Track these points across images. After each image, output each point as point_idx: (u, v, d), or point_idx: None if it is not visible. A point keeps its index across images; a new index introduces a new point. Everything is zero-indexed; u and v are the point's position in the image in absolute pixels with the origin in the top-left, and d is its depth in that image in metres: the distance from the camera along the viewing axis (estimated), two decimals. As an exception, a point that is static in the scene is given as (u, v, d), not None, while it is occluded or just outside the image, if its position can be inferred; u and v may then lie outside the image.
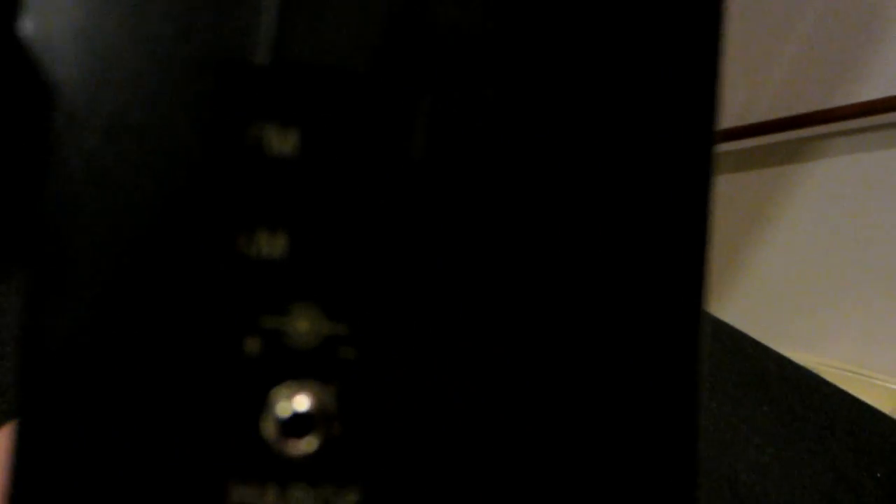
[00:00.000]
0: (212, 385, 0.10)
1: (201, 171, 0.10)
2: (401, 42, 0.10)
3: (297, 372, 0.10)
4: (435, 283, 0.10)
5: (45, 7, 0.10)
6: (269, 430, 0.10)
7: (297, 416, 0.10)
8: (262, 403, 0.10)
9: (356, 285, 0.10)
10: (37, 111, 0.10)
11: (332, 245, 0.10)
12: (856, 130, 0.79)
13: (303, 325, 0.11)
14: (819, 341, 0.84)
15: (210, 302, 0.10)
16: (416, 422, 0.10)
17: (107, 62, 0.10)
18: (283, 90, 0.10)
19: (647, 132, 0.11)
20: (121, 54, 0.10)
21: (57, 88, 0.10)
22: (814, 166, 0.82)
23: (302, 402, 0.10)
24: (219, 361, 0.10)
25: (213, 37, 0.10)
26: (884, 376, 0.80)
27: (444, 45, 0.10)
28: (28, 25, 0.10)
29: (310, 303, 0.11)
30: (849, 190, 0.81)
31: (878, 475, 0.68)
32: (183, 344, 0.10)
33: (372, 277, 0.10)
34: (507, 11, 0.10)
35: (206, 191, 0.10)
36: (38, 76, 0.10)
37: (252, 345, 0.10)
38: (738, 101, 0.82)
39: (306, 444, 0.10)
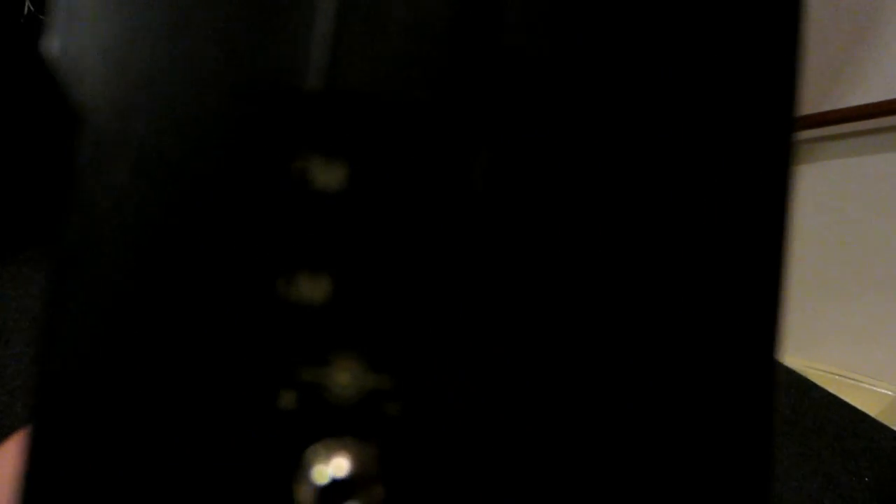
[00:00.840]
0: (242, 442, 0.09)
1: (240, 208, 0.09)
2: (463, 70, 0.09)
3: (336, 429, 0.09)
4: (490, 334, 0.09)
5: (72, 24, 0.09)
6: (304, 496, 0.09)
7: (335, 483, 0.09)
8: (296, 464, 0.09)
9: (403, 335, 0.09)
10: (62, 139, 0.09)
11: (378, 290, 0.09)
12: (846, 135, 0.79)
13: (343, 378, 0.09)
14: (808, 345, 0.85)
15: (244, 350, 0.09)
16: (466, 486, 0.09)
17: (138, 86, 0.09)
18: (334, 120, 0.09)
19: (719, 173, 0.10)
20: (154, 78, 0.09)
21: (83, 114, 0.09)
22: (804, 170, 0.82)
23: (340, 466, 0.09)
24: (251, 416, 0.09)
25: (259, 60, 0.09)
26: (872, 380, 0.80)
27: (510, 74, 0.09)
28: (54, 44, 0.09)
29: (352, 353, 0.09)
30: (838, 195, 0.81)
31: (867, 479, 0.68)
32: (213, 396, 0.09)
33: (420, 326, 0.09)
34: (575, 35, 0.09)
35: (245, 230, 0.09)
36: (63, 100, 0.09)
37: (287, 399, 0.09)
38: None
39: None
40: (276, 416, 0.09)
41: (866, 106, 0.76)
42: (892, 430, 0.70)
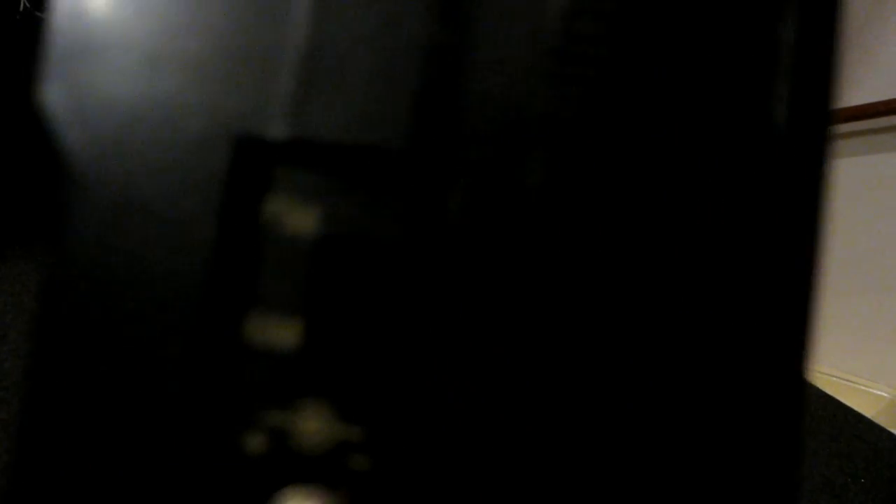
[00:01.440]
0: (209, 482, 0.09)
1: (211, 251, 0.09)
2: (432, 116, 0.09)
3: (305, 477, 0.09)
4: (472, 384, 0.09)
5: (64, 75, 0.09)
6: (270, 542, 0.09)
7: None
8: None
9: (376, 383, 0.09)
10: (49, 179, 0.09)
11: (350, 335, 0.09)
12: (846, 135, 0.79)
13: (311, 426, 0.09)
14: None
15: (213, 391, 0.09)
16: None
17: (119, 131, 0.09)
18: (302, 168, 0.09)
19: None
20: (133, 124, 0.09)
21: (68, 156, 0.09)
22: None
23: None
24: (218, 457, 0.09)
25: (230, 110, 0.09)
26: (868, 382, 0.80)
27: (482, 118, 0.09)
28: (44, 92, 0.09)
29: (321, 401, 0.09)
30: (837, 195, 0.80)
31: (863, 480, 0.68)
32: (180, 433, 0.09)
33: (395, 376, 0.09)
34: (554, 75, 0.09)
35: (216, 272, 0.09)
36: (50, 143, 0.09)
37: (255, 443, 0.09)
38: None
39: None
40: (243, 459, 0.09)
41: (866, 106, 0.75)
42: (889, 432, 0.70)
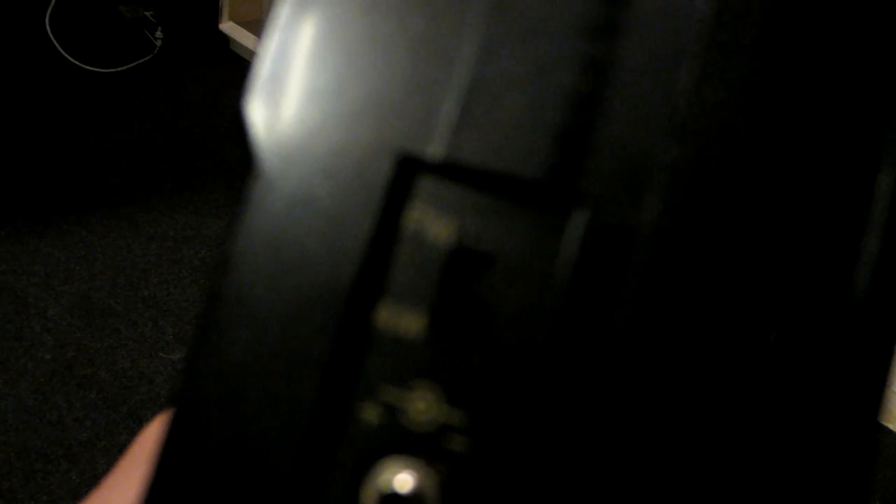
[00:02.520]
0: (324, 443, 0.11)
1: (360, 247, 0.11)
2: (564, 153, 0.11)
3: (409, 449, 0.11)
4: (568, 393, 0.11)
5: (267, 92, 0.11)
6: (367, 500, 0.10)
7: (395, 496, 0.10)
8: (367, 472, 0.11)
9: (485, 378, 0.11)
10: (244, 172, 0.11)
11: (467, 331, 0.11)
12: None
13: (421, 405, 0.11)
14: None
15: (340, 365, 0.11)
16: None
17: (304, 141, 0.11)
18: (451, 186, 0.11)
19: None
20: (316, 137, 0.11)
21: (259, 158, 0.11)
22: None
23: (404, 482, 0.10)
24: (336, 420, 0.11)
25: (397, 131, 0.11)
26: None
27: (609, 159, 0.11)
28: (249, 104, 0.11)
29: (433, 384, 0.11)
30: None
31: None
32: (308, 398, 0.11)
33: (504, 370, 0.11)
34: (678, 131, 0.11)
35: (361, 264, 0.11)
36: (247, 145, 0.11)
37: (370, 413, 0.11)
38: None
39: None
40: (357, 426, 0.11)
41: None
42: (883, 426, 0.71)
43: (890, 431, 0.72)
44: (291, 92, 0.11)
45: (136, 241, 1.05)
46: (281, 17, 0.12)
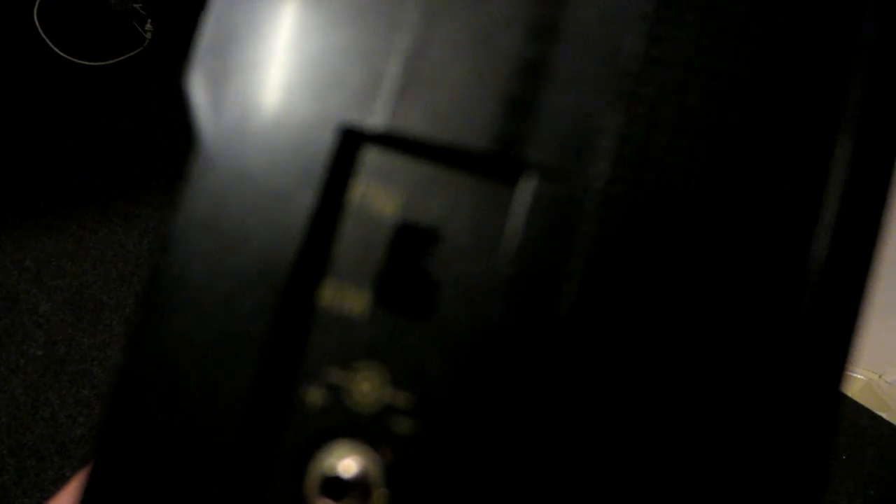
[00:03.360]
0: (269, 425, 0.10)
1: (301, 220, 0.11)
2: (509, 121, 0.10)
3: (353, 432, 0.10)
4: (518, 378, 0.10)
5: (207, 66, 0.11)
6: (310, 483, 0.10)
7: (338, 480, 0.10)
8: (311, 455, 0.10)
9: (430, 354, 0.10)
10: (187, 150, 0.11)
11: (410, 311, 0.10)
12: None
13: (365, 386, 0.10)
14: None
15: (283, 343, 0.10)
16: None
17: (243, 114, 0.11)
18: (395, 157, 0.11)
19: None
20: (255, 109, 0.11)
21: (201, 135, 0.11)
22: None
23: (348, 467, 0.10)
24: (280, 403, 0.10)
25: (336, 102, 0.11)
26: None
27: (555, 127, 0.10)
28: (190, 77, 0.11)
29: (378, 363, 0.10)
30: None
31: (844, 457, 0.69)
32: (250, 379, 0.10)
33: (449, 349, 0.10)
34: (626, 94, 0.10)
35: (303, 238, 0.10)
36: (188, 124, 0.11)
37: (314, 394, 0.10)
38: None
39: None
40: (300, 407, 0.10)
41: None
42: (869, 411, 0.71)
43: (870, 413, 0.72)
44: (231, 65, 0.11)
45: (128, 236, 1.05)
46: None
